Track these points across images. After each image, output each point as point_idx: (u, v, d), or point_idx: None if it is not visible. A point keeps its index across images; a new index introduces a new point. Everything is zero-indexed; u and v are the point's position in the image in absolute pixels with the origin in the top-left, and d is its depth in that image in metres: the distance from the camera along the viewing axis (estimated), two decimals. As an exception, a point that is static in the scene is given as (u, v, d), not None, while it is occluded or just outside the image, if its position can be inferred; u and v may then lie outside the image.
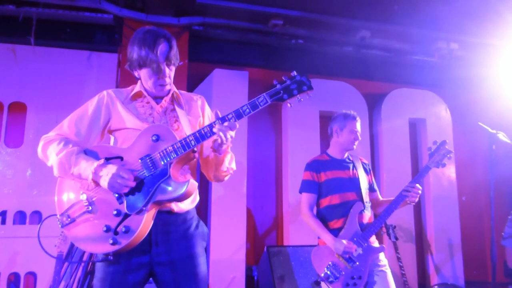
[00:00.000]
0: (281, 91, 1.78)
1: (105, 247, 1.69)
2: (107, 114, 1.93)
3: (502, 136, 3.36)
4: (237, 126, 1.75)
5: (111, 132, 1.97)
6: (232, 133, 1.74)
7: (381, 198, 3.03)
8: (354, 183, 2.87)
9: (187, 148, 1.73)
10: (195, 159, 1.91)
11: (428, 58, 5.17)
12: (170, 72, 1.92)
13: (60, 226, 1.80)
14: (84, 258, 3.60)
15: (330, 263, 2.68)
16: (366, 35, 4.76)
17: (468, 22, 4.44)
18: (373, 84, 5.25)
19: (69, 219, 1.78)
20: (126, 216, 1.70)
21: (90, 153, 1.82)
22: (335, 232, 2.75)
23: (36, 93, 4.24)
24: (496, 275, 3.29)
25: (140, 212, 1.70)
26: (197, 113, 2.02)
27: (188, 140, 1.73)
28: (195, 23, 4.49)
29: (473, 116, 4.71)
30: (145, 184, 1.73)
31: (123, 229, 1.69)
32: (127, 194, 1.73)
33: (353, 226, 2.75)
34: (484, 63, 5.02)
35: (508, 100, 5.05)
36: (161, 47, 1.84)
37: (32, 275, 3.97)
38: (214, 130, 1.72)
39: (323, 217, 2.84)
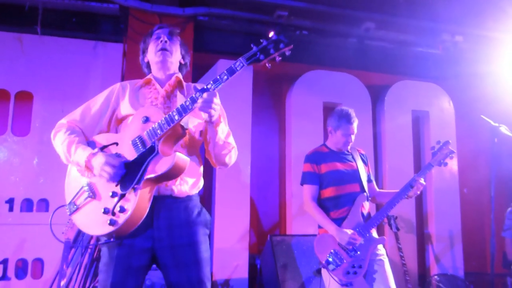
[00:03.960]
0: (258, 53, 1.76)
1: (105, 228, 1.74)
2: (115, 103, 2.02)
3: (504, 129, 3.37)
4: (217, 94, 1.75)
5: (120, 122, 2.01)
6: (216, 101, 1.74)
7: (377, 189, 3.08)
8: (354, 174, 2.91)
9: (171, 123, 1.75)
10: (186, 137, 1.91)
11: (433, 50, 5.17)
12: (171, 44, 2.03)
13: (68, 214, 1.88)
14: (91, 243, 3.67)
15: (332, 250, 2.73)
16: (370, 26, 4.77)
17: (473, 14, 4.44)
18: (377, 75, 5.26)
19: (75, 207, 1.86)
20: (122, 196, 1.75)
21: (91, 143, 1.91)
22: (338, 222, 2.80)
23: (42, 82, 4.27)
24: (494, 266, 3.34)
25: (133, 190, 1.74)
26: None
27: (172, 115, 1.76)
28: (200, 13, 4.51)
29: (477, 109, 4.69)
30: (136, 163, 1.78)
31: (119, 209, 1.73)
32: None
33: (356, 217, 2.80)
34: (489, 56, 5.00)
35: (512, 94, 5.04)
36: (163, 29, 2.07)
37: (39, 261, 4.05)
38: (196, 104, 1.72)
39: (324, 208, 2.87)
